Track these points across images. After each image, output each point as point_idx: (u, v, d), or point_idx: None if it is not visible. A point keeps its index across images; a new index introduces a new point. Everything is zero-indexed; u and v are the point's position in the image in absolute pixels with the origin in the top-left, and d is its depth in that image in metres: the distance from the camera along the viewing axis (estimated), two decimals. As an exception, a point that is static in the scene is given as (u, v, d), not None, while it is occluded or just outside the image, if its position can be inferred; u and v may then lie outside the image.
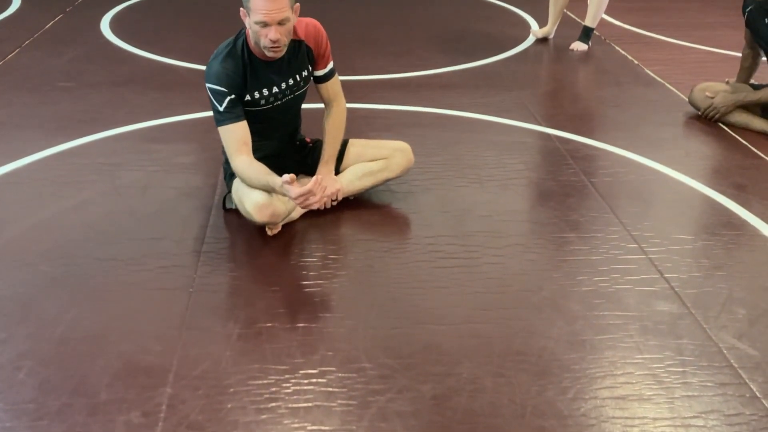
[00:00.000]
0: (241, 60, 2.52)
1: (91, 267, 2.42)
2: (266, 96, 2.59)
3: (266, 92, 2.58)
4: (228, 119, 2.50)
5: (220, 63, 2.50)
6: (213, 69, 2.50)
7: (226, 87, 2.48)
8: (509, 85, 4.27)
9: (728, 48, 4.85)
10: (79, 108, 3.74)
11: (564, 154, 3.34)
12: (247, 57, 2.53)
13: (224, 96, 2.48)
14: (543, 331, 2.17)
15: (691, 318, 2.24)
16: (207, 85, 2.51)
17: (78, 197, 2.86)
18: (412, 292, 2.35)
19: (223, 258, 2.51)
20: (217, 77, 2.48)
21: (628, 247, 2.60)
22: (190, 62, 4.43)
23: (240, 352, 2.05)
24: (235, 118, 2.51)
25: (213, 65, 2.51)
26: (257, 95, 2.57)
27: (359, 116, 3.73)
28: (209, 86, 2.50)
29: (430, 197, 2.93)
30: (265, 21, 2.38)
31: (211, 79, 2.49)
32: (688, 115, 3.81)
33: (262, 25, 2.39)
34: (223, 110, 2.49)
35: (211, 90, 2.49)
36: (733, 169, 3.23)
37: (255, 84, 2.55)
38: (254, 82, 2.55)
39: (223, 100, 2.48)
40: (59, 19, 5.33)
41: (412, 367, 2.01)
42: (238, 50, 2.52)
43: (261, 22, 2.38)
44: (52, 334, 2.10)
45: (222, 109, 2.49)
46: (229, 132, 2.52)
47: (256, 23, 2.39)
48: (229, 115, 2.50)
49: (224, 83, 2.48)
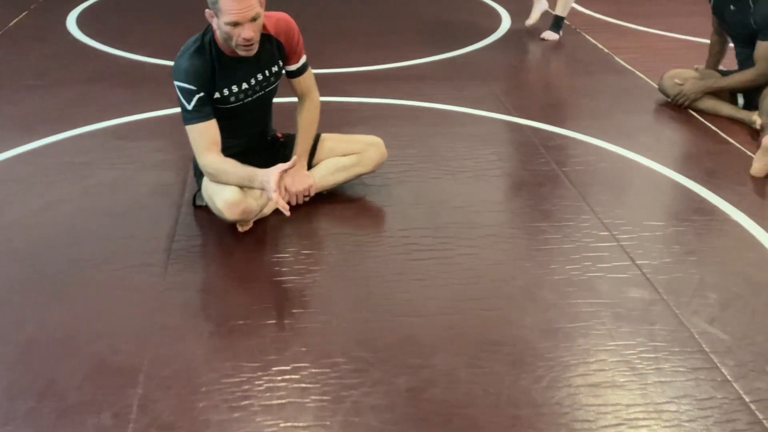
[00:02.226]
0: (209, 57, 2.48)
1: (60, 267, 2.39)
2: (236, 93, 2.56)
3: (236, 89, 2.55)
4: (197, 118, 2.47)
5: (188, 60, 2.45)
6: (181, 66, 2.46)
7: (195, 85, 2.44)
8: (482, 75, 4.26)
9: (698, 35, 4.88)
10: (46, 106, 3.69)
11: (536, 144, 3.35)
12: (215, 53, 2.49)
13: (193, 94, 2.44)
14: (517, 321, 2.18)
15: (663, 304, 2.25)
16: (175, 83, 2.47)
17: (46, 197, 2.82)
18: (387, 285, 2.34)
19: (194, 255, 2.49)
20: (186, 74, 2.44)
21: (599, 234, 2.61)
22: (158, 58, 4.37)
23: (212, 350, 2.03)
24: (204, 116, 2.47)
25: (180, 62, 2.47)
26: (226, 92, 2.54)
27: (333, 109, 3.70)
28: (177, 84, 2.46)
29: (404, 190, 2.92)
30: (236, 20, 2.34)
31: (179, 77, 2.45)
32: (659, 102, 3.83)
33: (233, 25, 2.35)
34: (191, 108, 2.46)
35: (179, 88, 2.46)
36: (703, 155, 3.26)
37: (224, 81, 2.52)
38: (223, 79, 2.51)
39: (191, 98, 2.45)
40: (24, 16, 5.24)
41: (386, 360, 2.00)
42: (206, 47, 2.48)
43: (233, 23, 2.34)
44: (19, 336, 2.06)
45: (190, 108, 2.46)
46: (198, 131, 2.48)
47: (227, 24, 2.35)
48: (197, 114, 2.46)
49: (192, 81, 2.44)
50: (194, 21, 2.70)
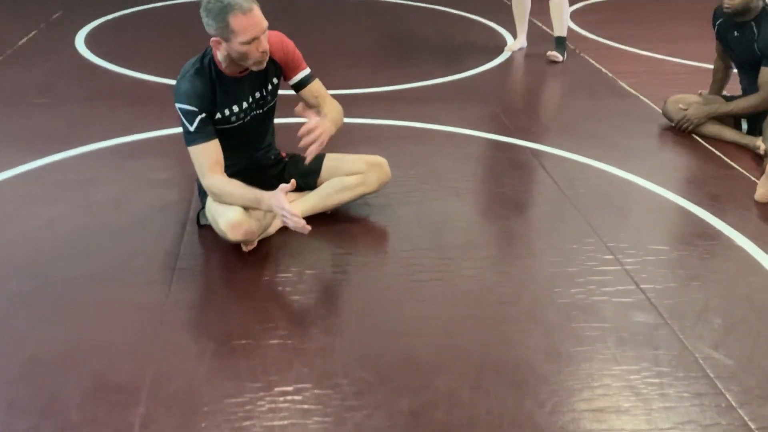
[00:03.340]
0: (210, 78, 2.50)
1: (63, 284, 2.38)
2: (236, 113, 2.57)
3: (236, 109, 2.57)
4: (199, 139, 2.48)
5: (189, 82, 2.47)
6: (182, 88, 2.48)
7: (197, 106, 2.46)
8: (485, 98, 4.29)
9: (700, 60, 4.91)
10: (52, 124, 3.70)
11: (539, 166, 3.35)
12: (215, 75, 2.51)
13: (195, 115, 2.46)
14: (520, 343, 2.17)
15: (668, 328, 2.24)
16: (177, 106, 2.48)
17: (50, 214, 2.82)
18: (390, 306, 2.33)
19: (197, 274, 2.49)
20: (187, 96, 2.46)
21: (603, 258, 2.61)
22: (164, 77, 4.40)
23: (214, 370, 2.02)
24: (207, 137, 2.49)
25: (182, 85, 2.49)
26: (227, 112, 2.55)
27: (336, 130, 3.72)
28: (180, 106, 2.47)
29: (407, 210, 2.92)
30: (254, 36, 2.37)
31: (181, 99, 2.47)
32: (662, 126, 3.84)
33: (250, 41, 2.37)
34: (194, 130, 2.47)
35: (182, 110, 2.47)
36: (707, 180, 3.26)
37: (225, 101, 2.54)
38: (224, 99, 2.53)
39: (194, 119, 2.46)
40: (33, 35, 5.28)
41: (388, 381, 1.99)
42: (206, 69, 2.50)
43: (250, 39, 2.36)
44: (20, 353, 2.05)
45: (193, 129, 2.47)
46: (201, 152, 2.49)
47: (243, 43, 2.37)
48: (200, 135, 2.48)
49: (194, 102, 2.46)
50: (200, 40, 2.71)
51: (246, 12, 2.35)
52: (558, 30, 4.96)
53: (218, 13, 2.35)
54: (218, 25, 2.37)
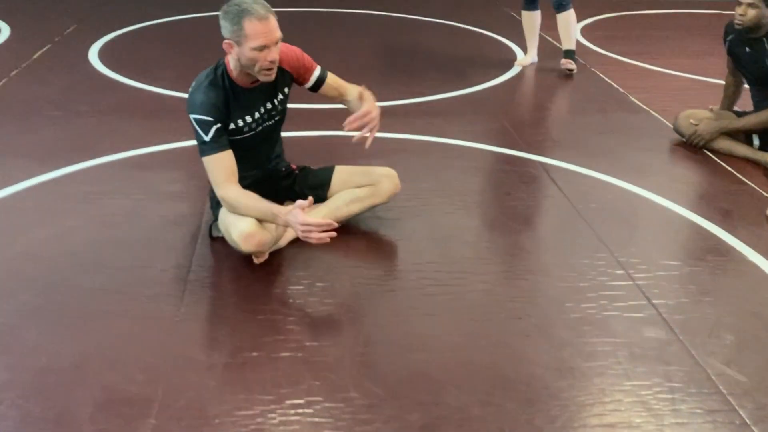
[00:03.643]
0: (223, 89, 2.53)
1: (75, 296, 2.40)
2: (249, 123, 2.60)
3: (249, 119, 2.59)
4: (214, 149, 2.50)
5: (204, 93, 2.50)
6: (197, 99, 2.50)
7: (212, 116, 2.48)
8: (495, 112, 4.30)
9: (711, 76, 4.91)
10: (66, 136, 3.73)
11: (550, 181, 3.35)
12: (228, 85, 2.53)
13: (210, 125, 2.48)
14: (531, 359, 2.16)
15: (680, 344, 2.23)
16: (192, 116, 2.50)
17: (62, 226, 2.84)
18: (400, 320, 2.33)
19: (209, 287, 2.49)
20: (202, 107, 2.48)
21: (615, 273, 2.60)
22: (177, 91, 4.43)
23: (225, 382, 2.03)
24: (222, 147, 2.51)
25: (196, 96, 2.51)
26: (240, 123, 2.58)
27: (346, 143, 3.71)
28: (194, 117, 2.49)
29: (417, 223, 2.93)
30: (265, 44, 2.40)
31: (196, 110, 2.49)
32: (673, 141, 3.84)
33: (261, 48, 2.41)
34: (209, 140, 2.49)
35: (197, 120, 2.49)
36: (718, 195, 3.26)
37: (238, 111, 2.56)
38: (237, 109, 2.56)
39: (209, 129, 2.48)
40: (48, 48, 5.33)
41: (399, 396, 1.99)
42: (219, 79, 2.53)
43: (261, 46, 2.40)
44: (33, 365, 2.06)
45: (208, 139, 2.49)
46: (216, 162, 2.51)
47: (254, 49, 2.40)
48: (215, 145, 2.50)
49: (210, 112, 2.48)
50: (212, 55, 2.74)
51: (261, 19, 2.40)
52: (567, 44, 4.98)
53: (235, 16, 2.41)
54: (233, 28, 2.42)
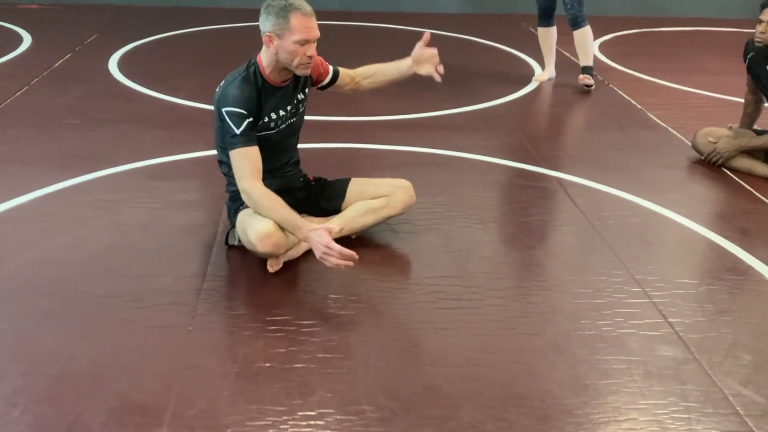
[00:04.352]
0: (255, 86, 2.59)
1: (90, 303, 2.40)
2: (275, 119, 2.65)
3: (274, 115, 2.65)
4: (244, 142, 2.54)
5: (238, 87, 2.56)
6: (230, 93, 2.56)
7: (245, 109, 2.54)
8: (512, 127, 4.29)
9: (730, 94, 4.88)
10: (84, 145, 3.76)
11: (566, 197, 3.34)
12: (261, 82, 2.60)
13: (243, 118, 2.53)
14: (545, 375, 2.14)
15: (696, 363, 2.21)
16: (224, 110, 2.54)
17: (79, 233, 2.85)
18: (414, 334, 2.32)
19: (223, 296, 2.50)
20: (235, 100, 2.54)
21: (631, 290, 2.58)
22: (194, 101, 4.47)
23: (238, 392, 2.02)
24: (251, 141, 2.56)
25: (229, 90, 2.57)
26: (267, 119, 2.63)
27: (362, 156, 3.75)
28: (227, 110, 2.54)
29: (432, 237, 2.92)
30: (307, 38, 2.49)
31: (229, 102, 2.54)
32: (691, 159, 3.82)
33: (302, 43, 2.49)
34: (240, 132, 2.53)
35: (229, 113, 2.53)
36: (736, 214, 3.23)
37: (268, 107, 2.62)
38: (267, 105, 2.62)
39: (241, 122, 2.52)
40: (68, 58, 5.39)
41: (412, 410, 1.98)
42: (251, 76, 2.60)
43: (302, 40, 2.48)
44: (48, 371, 2.07)
45: (239, 132, 2.53)
46: (245, 154, 2.54)
47: (296, 42, 2.48)
48: (245, 138, 2.54)
49: (243, 105, 2.53)
50: (229, 66, 2.76)
51: (306, 15, 2.49)
52: (584, 60, 4.97)
53: (281, 10, 2.48)
54: (277, 20, 2.49)
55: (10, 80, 4.77)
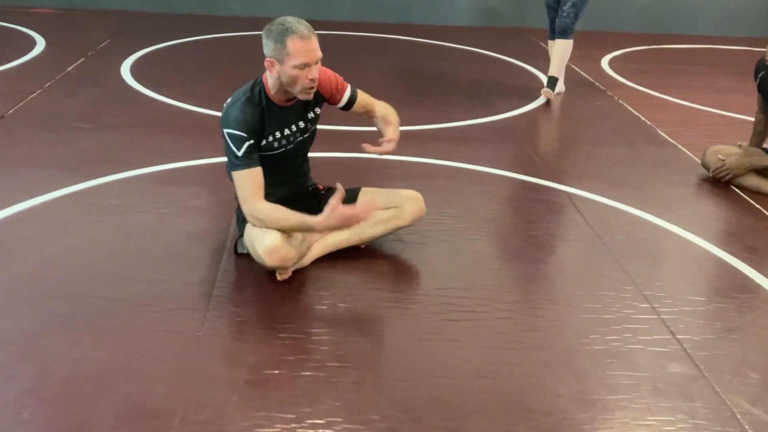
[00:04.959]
0: (259, 106, 2.57)
1: (99, 306, 2.41)
2: (279, 139, 2.64)
3: (279, 135, 2.63)
4: (245, 164, 2.53)
5: (240, 109, 2.54)
6: (232, 115, 2.54)
7: (246, 132, 2.52)
8: (521, 140, 4.30)
9: (739, 112, 4.89)
10: (95, 149, 3.78)
11: (575, 211, 3.34)
12: (265, 103, 2.58)
13: (244, 141, 2.51)
14: (553, 389, 2.14)
15: (704, 381, 2.20)
16: (225, 131, 2.53)
17: (88, 237, 2.87)
18: (422, 345, 2.32)
19: (232, 303, 2.50)
20: (237, 122, 2.52)
21: (640, 306, 2.58)
22: (206, 108, 4.49)
23: (246, 399, 2.03)
24: (252, 163, 2.54)
25: (232, 111, 2.55)
26: (271, 139, 2.62)
27: (372, 166, 3.76)
28: (228, 131, 2.53)
29: (441, 248, 2.93)
30: (306, 62, 2.45)
31: (230, 125, 2.53)
32: (700, 176, 3.82)
33: (302, 67, 2.46)
34: (241, 155, 2.52)
35: (230, 135, 2.52)
36: (745, 232, 3.23)
37: (271, 128, 2.60)
38: (271, 126, 2.60)
39: (242, 145, 2.51)
40: (81, 62, 5.43)
41: (419, 421, 1.98)
42: (256, 97, 2.58)
43: (302, 64, 2.45)
44: (57, 373, 2.08)
45: (240, 154, 2.52)
46: (246, 177, 2.54)
47: (295, 67, 2.45)
48: (246, 161, 2.53)
49: (244, 128, 2.52)
50: (240, 73, 2.78)
51: (304, 38, 2.45)
52: (553, 69, 5.04)
53: (278, 35, 2.45)
54: (276, 46, 2.46)
55: (23, 83, 4.80)
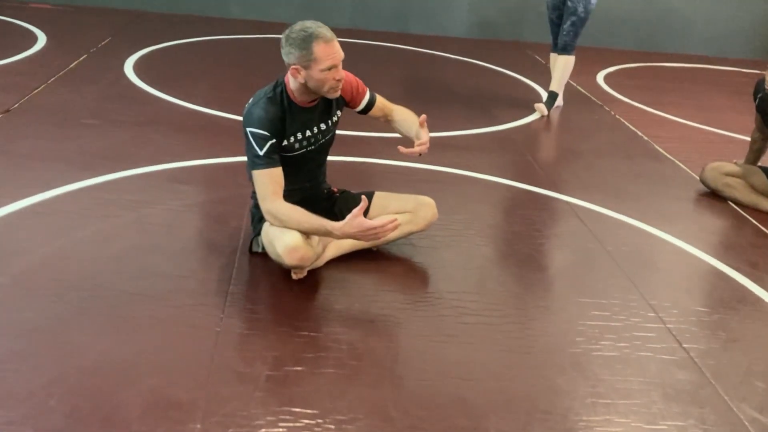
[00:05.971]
0: (281, 107, 2.61)
1: (119, 299, 2.43)
2: (300, 140, 2.67)
3: (300, 136, 2.67)
4: (267, 163, 2.57)
5: (263, 108, 2.58)
6: (255, 114, 2.58)
7: (269, 131, 2.56)
8: (521, 151, 4.37)
9: (733, 131, 5.01)
10: (104, 145, 3.79)
11: (579, 222, 3.41)
12: (287, 104, 2.62)
13: (266, 140, 2.55)
14: (568, 393, 2.19)
15: (712, 388, 2.27)
16: (248, 130, 2.57)
17: (104, 231, 2.88)
18: (437, 346, 2.37)
19: (248, 300, 2.53)
20: (260, 122, 2.56)
21: (647, 315, 2.65)
22: (210, 108, 4.51)
23: (269, 394, 2.06)
24: (273, 162, 2.58)
25: (255, 111, 2.59)
26: (293, 139, 2.66)
27: (379, 171, 3.81)
28: (251, 130, 2.56)
29: (452, 254, 2.98)
30: (334, 64, 2.52)
31: (254, 124, 2.57)
32: (699, 192, 3.91)
33: (329, 68, 2.51)
34: (263, 154, 2.56)
35: (253, 134, 2.56)
36: (745, 247, 3.31)
37: (292, 129, 2.64)
38: (292, 127, 2.64)
39: (264, 144, 2.55)
40: (83, 59, 5.43)
41: (439, 418, 2.02)
42: (278, 97, 2.62)
43: (330, 67, 2.51)
44: (81, 362, 2.10)
45: (262, 153, 2.56)
46: (267, 176, 2.57)
47: (323, 70, 2.50)
48: (268, 160, 2.57)
49: (267, 127, 2.56)
50: (245, 74, 2.82)
51: (328, 41, 2.50)
52: (554, 84, 5.13)
53: (302, 41, 2.49)
54: (300, 53, 2.49)
55: (27, 77, 4.79)
